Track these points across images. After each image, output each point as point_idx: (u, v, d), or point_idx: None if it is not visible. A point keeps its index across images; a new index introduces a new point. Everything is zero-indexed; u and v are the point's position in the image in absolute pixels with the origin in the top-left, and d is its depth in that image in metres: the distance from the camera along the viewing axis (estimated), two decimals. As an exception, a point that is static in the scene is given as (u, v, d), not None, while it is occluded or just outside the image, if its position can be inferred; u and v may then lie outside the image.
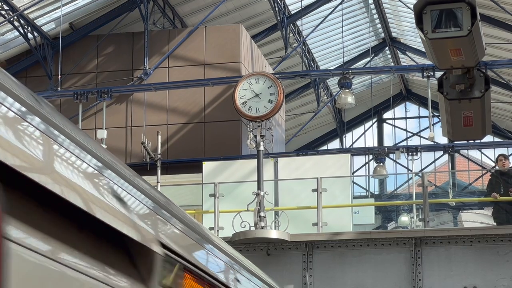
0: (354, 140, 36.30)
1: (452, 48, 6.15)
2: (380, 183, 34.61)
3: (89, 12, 22.60)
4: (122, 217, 2.65)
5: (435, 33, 6.11)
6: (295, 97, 30.58)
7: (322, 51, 30.68)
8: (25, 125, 2.25)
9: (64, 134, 2.47)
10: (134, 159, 20.90)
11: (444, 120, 6.79)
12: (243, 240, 14.71)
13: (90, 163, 2.60)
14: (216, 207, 16.07)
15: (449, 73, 6.51)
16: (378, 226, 24.37)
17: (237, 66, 21.71)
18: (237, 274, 4.19)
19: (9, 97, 2.22)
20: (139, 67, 22.05)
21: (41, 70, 22.11)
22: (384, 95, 35.15)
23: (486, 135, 7.27)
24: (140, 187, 3.01)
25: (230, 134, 21.12)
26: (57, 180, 2.28)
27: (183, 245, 3.27)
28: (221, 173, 18.68)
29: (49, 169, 2.30)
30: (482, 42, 6.32)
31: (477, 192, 28.79)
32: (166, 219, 3.20)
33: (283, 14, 25.01)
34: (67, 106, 21.42)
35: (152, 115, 21.59)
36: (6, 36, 22.40)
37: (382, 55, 33.24)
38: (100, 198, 2.55)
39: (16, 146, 2.14)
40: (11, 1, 20.80)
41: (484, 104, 6.58)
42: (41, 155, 2.28)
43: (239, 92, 15.29)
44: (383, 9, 29.74)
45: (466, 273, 14.58)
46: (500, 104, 30.88)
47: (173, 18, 23.76)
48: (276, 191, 17.30)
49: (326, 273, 14.96)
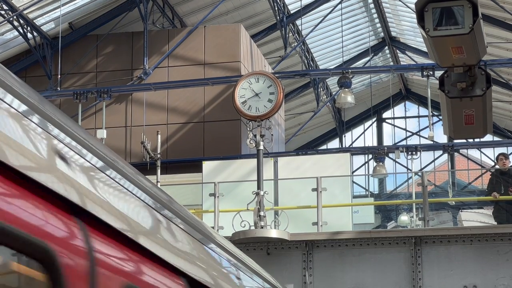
0: (353, 139, 36.29)
1: (454, 46, 6.14)
2: (379, 183, 34.62)
3: (89, 11, 22.59)
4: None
5: (437, 31, 6.10)
6: (294, 96, 30.57)
7: (322, 51, 30.68)
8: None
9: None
10: (134, 158, 20.88)
11: (445, 118, 6.78)
12: (243, 240, 14.70)
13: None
14: (216, 206, 16.05)
15: (450, 71, 6.50)
16: (378, 225, 24.36)
17: (236, 65, 21.70)
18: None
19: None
20: (138, 66, 22.03)
21: (41, 70, 22.09)
22: (383, 94, 35.14)
23: (487, 133, 7.26)
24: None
25: (230, 133, 21.11)
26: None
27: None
28: (221, 172, 18.67)
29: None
30: (484, 40, 6.31)
31: (476, 191, 28.81)
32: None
33: (282, 14, 25.00)
34: (66, 106, 21.40)
35: (151, 114, 21.58)
36: (6, 36, 22.38)
37: (381, 55, 33.23)
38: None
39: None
40: (11, 1, 20.78)
41: (485, 102, 6.57)
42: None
43: (239, 92, 15.28)
44: (382, 9, 29.73)
45: (466, 272, 14.57)
46: (499, 103, 30.88)
47: (172, 18, 23.75)
48: (276, 191, 17.29)
49: (326, 272, 14.95)
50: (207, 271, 3.48)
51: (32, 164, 2.16)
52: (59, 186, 2.24)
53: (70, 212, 2.33)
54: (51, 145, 2.32)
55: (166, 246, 3.03)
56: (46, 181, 2.18)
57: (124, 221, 2.66)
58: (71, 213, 2.33)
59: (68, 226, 2.31)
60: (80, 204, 2.34)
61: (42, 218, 2.18)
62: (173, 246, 3.14)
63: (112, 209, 2.59)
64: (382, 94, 35.19)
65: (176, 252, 3.15)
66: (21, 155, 2.10)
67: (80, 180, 2.40)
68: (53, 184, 2.21)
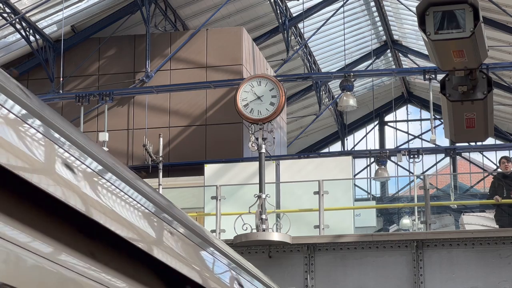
0: (355, 142, 36.28)
1: (455, 50, 6.15)
2: (381, 186, 34.60)
3: (91, 14, 22.61)
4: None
5: (438, 34, 6.11)
6: (296, 99, 30.57)
7: (324, 54, 30.69)
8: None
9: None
10: (136, 161, 20.90)
11: (446, 122, 6.78)
12: (244, 243, 14.70)
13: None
14: (217, 209, 16.06)
15: (451, 75, 6.51)
16: (380, 228, 24.33)
17: (238, 68, 21.71)
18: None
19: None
20: (141, 69, 22.05)
21: (43, 73, 22.11)
22: (385, 97, 35.14)
23: (488, 137, 7.26)
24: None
25: (232, 136, 21.12)
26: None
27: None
28: (222, 175, 18.68)
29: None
30: (485, 44, 6.31)
31: (478, 194, 28.77)
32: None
33: (284, 17, 25.01)
34: (69, 108, 21.42)
35: (153, 117, 21.59)
36: (8, 39, 22.41)
37: (383, 58, 33.24)
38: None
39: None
40: (13, 3, 20.81)
41: (486, 105, 6.57)
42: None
43: (241, 95, 15.29)
44: (384, 12, 29.73)
45: (468, 275, 14.56)
46: (501, 107, 30.86)
47: (174, 21, 23.77)
48: (278, 194, 17.30)
49: (328, 275, 14.95)
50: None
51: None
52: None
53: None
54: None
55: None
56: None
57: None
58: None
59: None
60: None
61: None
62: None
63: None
64: (384, 97, 35.19)
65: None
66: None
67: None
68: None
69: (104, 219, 2.47)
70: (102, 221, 2.44)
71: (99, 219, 2.43)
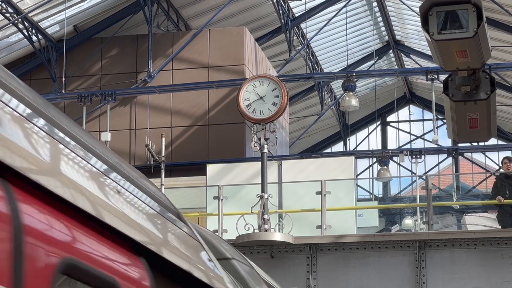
0: (358, 143, 36.28)
1: (458, 50, 6.14)
2: (384, 186, 34.61)
3: (94, 14, 22.62)
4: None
5: (441, 34, 6.10)
6: (299, 99, 30.56)
7: (326, 54, 30.68)
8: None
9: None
10: (138, 161, 20.89)
11: (449, 122, 6.78)
12: (247, 243, 14.69)
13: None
14: (220, 209, 16.05)
15: (454, 75, 6.50)
16: (382, 229, 24.35)
17: (241, 68, 21.71)
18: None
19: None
20: (143, 69, 22.05)
21: (45, 73, 22.12)
22: (388, 98, 35.13)
23: (491, 137, 7.25)
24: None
25: (234, 136, 21.11)
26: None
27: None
28: (225, 175, 18.67)
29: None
30: (488, 44, 6.31)
31: (481, 195, 28.77)
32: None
33: (287, 17, 25.00)
34: (71, 108, 21.41)
35: (156, 117, 21.59)
36: (11, 39, 22.42)
37: (386, 58, 33.23)
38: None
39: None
40: (16, 3, 20.81)
41: (489, 106, 6.57)
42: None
43: (243, 95, 15.28)
44: (387, 12, 29.72)
45: (470, 276, 14.55)
46: (504, 107, 30.83)
47: (177, 21, 23.77)
48: (280, 194, 17.29)
49: (330, 275, 14.94)
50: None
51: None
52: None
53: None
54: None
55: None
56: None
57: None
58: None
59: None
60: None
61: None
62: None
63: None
64: (387, 97, 35.18)
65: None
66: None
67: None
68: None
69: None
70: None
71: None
